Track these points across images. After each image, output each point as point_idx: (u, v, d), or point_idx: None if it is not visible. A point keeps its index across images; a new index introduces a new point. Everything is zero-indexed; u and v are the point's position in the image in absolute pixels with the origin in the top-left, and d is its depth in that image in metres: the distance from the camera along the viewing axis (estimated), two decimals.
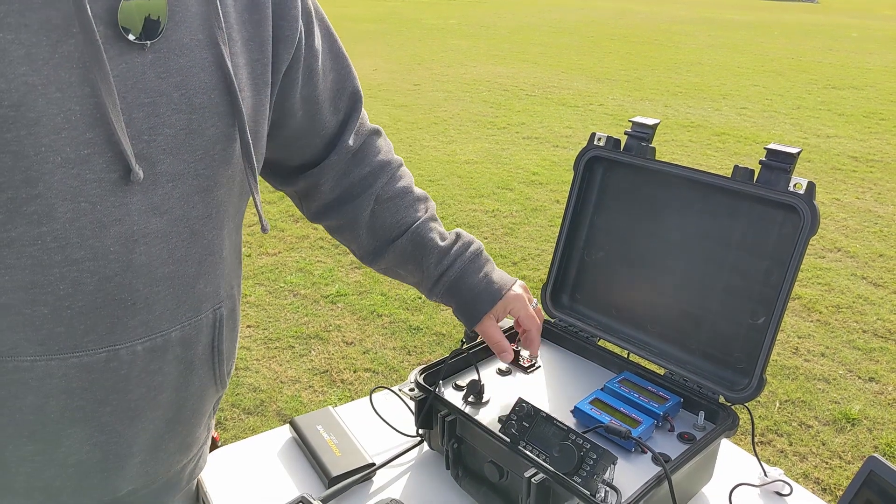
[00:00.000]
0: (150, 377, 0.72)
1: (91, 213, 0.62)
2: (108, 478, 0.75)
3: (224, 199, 0.74)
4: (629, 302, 1.08)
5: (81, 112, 0.59)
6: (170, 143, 0.66)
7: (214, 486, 0.97)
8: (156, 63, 0.63)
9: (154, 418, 0.76)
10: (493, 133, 6.34)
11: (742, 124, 6.80)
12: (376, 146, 0.97)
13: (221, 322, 0.79)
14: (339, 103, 0.90)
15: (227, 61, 0.68)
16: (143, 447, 0.77)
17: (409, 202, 0.97)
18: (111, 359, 0.68)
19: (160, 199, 0.66)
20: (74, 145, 0.59)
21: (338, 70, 0.89)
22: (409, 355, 2.90)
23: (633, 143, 1.04)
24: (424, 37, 12.34)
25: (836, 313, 3.31)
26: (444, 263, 0.96)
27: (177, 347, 0.74)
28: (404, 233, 0.96)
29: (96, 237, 0.63)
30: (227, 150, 0.71)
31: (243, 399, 2.59)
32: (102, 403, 0.70)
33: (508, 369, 1.07)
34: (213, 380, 0.82)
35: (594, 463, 0.79)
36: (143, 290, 0.68)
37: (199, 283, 0.73)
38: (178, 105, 0.65)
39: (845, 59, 10.93)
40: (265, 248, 3.87)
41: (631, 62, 10.31)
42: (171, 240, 0.69)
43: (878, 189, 5.02)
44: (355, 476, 0.96)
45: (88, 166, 0.61)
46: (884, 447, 2.39)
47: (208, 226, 0.72)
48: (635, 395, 0.96)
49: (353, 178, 0.95)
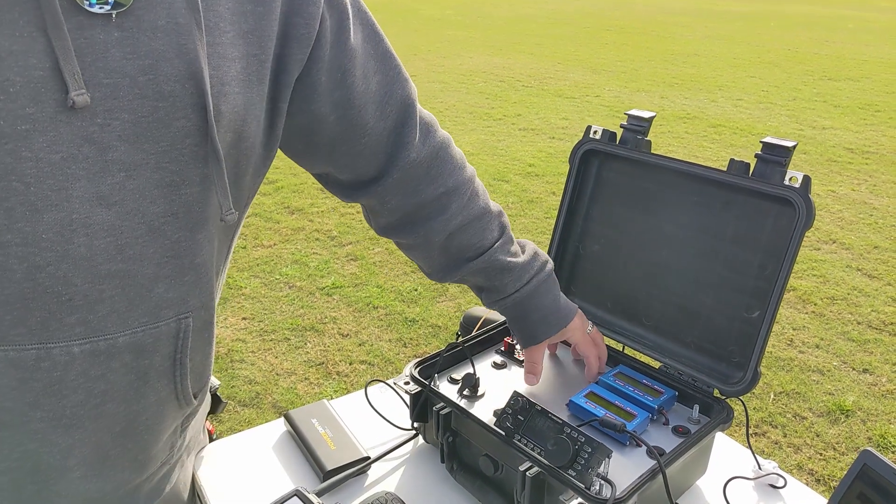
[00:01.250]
0: (90, 383, 0.67)
1: (23, 193, 0.57)
2: (41, 490, 0.70)
3: (197, 200, 0.67)
4: (624, 295, 1.08)
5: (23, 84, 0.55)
6: (127, 129, 0.60)
7: (209, 480, 0.97)
8: (123, 42, 0.58)
9: (96, 429, 0.70)
10: (489, 124, 6.32)
11: (738, 116, 6.80)
12: (449, 162, 0.90)
13: (187, 333, 0.72)
14: (386, 108, 0.82)
15: (202, 50, 0.62)
16: (82, 460, 0.70)
17: (485, 223, 0.93)
18: (42, 357, 0.63)
19: (109, 188, 0.61)
20: (11, 119, 0.55)
21: (384, 73, 0.81)
22: (404, 347, 2.91)
23: (628, 137, 1.04)
24: (421, 27, 12.29)
25: (830, 305, 3.32)
26: (522, 281, 0.95)
27: (125, 354, 0.68)
28: (481, 255, 0.93)
29: (27, 221, 0.58)
30: (200, 145, 0.65)
31: (239, 391, 2.59)
32: (33, 407, 0.65)
33: (503, 362, 1.07)
34: (175, 396, 0.75)
35: (589, 456, 0.79)
36: (81, 286, 0.62)
37: (157, 286, 0.68)
38: (144, 90, 0.60)
39: (842, 50, 10.93)
40: (260, 240, 3.87)
41: (627, 53, 10.29)
42: (121, 235, 0.63)
43: (873, 181, 5.03)
44: (350, 469, 0.96)
45: (27, 143, 0.56)
46: (878, 438, 2.41)
47: (173, 225, 0.66)
48: (630, 388, 0.96)
49: (425, 197, 0.88)
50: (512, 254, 0.95)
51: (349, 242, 3.88)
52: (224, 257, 0.80)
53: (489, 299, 0.98)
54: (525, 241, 1.00)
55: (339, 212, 4.28)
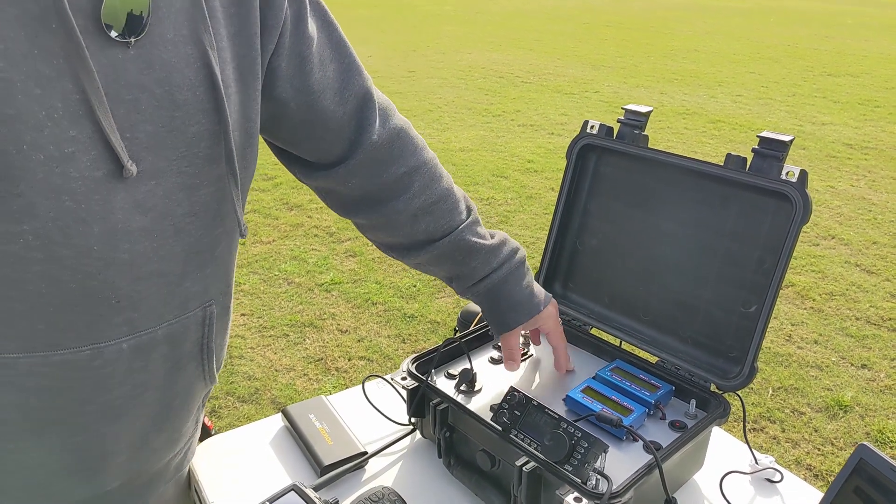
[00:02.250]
0: (134, 375, 0.71)
1: (75, 210, 0.61)
2: (89, 476, 0.75)
3: (213, 199, 0.72)
4: (621, 290, 1.08)
5: (64, 108, 0.58)
6: (150, 139, 0.64)
7: (206, 475, 0.97)
8: (138, 58, 0.62)
9: (139, 416, 0.75)
10: (488, 120, 6.32)
11: (737, 111, 6.79)
12: (411, 143, 0.92)
13: (212, 320, 0.78)
14: (345, 94, 0.84)
15: (213, 57, 0.66)
16: (126, 446, 0.76)
17: (452, 204, 0.94)
18: (95, 357, 0.67)
19: (143, 196, 0.65)
20: (58, 142, 0.58)
21: (340, 61, 0.84)
22: (403, 343, 2.91)
23: (626, 131, 1.04)
24: (419, 23, 12.27)
25: (829, 301, 3.32)
26: (492, 265, 0.95)
27: (163, 346, 0.73)
28: (447, 235, 0.94)
29: (79, 235, 0.62)
30: (212, 148, 0.69)
31: (237, 387, 2.59)
32: (85, 402, 0.69)
33: (500, 358, 1.07)
34: (202, 376, 0.81)
35: (585, 451, 0.79)
36: (125, 288, 0.67)
37: (185, 281, 0.72)
38: (161, 101, 0.64)
39: (841, 46, 10.92)
40: (259, 237, 3.86)
41: (627, 49, 10.28)
42: (155, 237, 0.67)
43: (872, 176, 5.03)
44: (347, 465, 0.96)
45: (73, 164, 0.60)
46: (875, 434, 2.41)
47: (194, 224, 0.71)
48: (627, 383, 0.96)
49: (388, 177, 0.90)
50: (480, 235, 0.96)
51: (348, 238, 3.87)
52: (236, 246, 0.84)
53: (461, 286, 0.98)
54: (496, 230, 1.00)
55: None
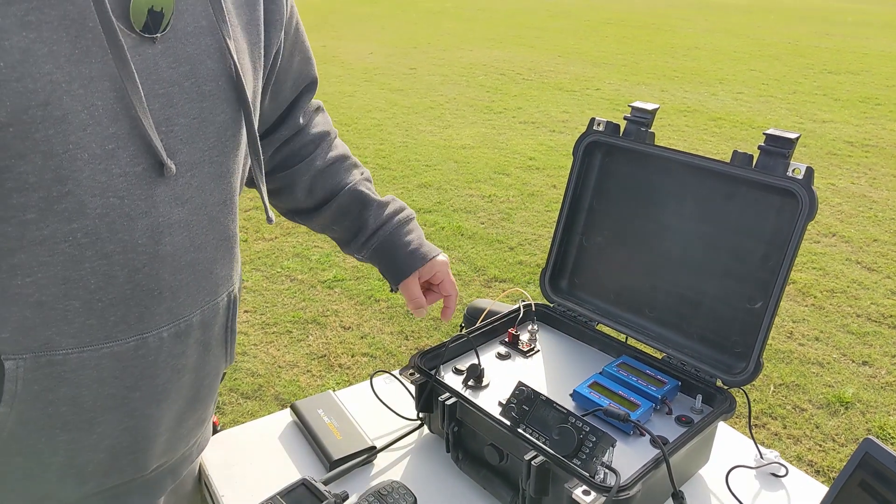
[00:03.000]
0: (174, 360, 0.74)
1: (120, 207, 0.63)
2: (137, 458, 0.77)
3: (236, 185, 0.75)
4: (627, 286, 1.09)
5: (104, 107, 0.59)
6: (185, 132, 0.66)
7: (216, 470, 0.98)
8: (166, 53, 0.63)
9: (178, 398, 0.78)
10: (489, 118, 6.32)
11: (738, 109, 6.79)
12: (317, 120, 1.01)
13: (235, 303, 0.81)
14: (299, 83, 0.93)
15: (231, 47, 0.68)
16: (167, 426, 0.79)
17: (348, 166, 1.02)
18: (140, 346, 0.70)
19: (181, 189, 0.67)
20: (100, 140, 0.60)
21: (303, 52, 0.91)
22: (406, 340, 2.91)
23: (632, 129, 1.05)
24: (420, 20, 12.26)
25: (830, 298, 3.33)
26: (382, 218, 1.01)
27: (197, 331, 0.76)
28: (342, 190, 1.00)
29: (126, 230, 0.64)
30: (236, 136, 0.72)
31: (241, 384, 2.59)
32: (132, 389, 0.72)
33: (507, 353, 1.08)
34: (225, 356, 0.85)
35: (593, 446, 0.80)
36: (168, 279, 0.69)
37: (216, 267, 0.75)
38: (190, 94, 0.66)
39: (842, 43, 10.91)
40: (262, 234, 3.87)
41: (628, 46, 10.27)
42: (192, 228, 0.70)
43: (872, 174, 5.03)
44: (356, 459, 0.97)
45: (115, 161, 0.61)
46: (876, 430, 2.42)
47: (224, 212, 0.74)
48: (634, 378, 0.97)
49: (293, 147, 0.98)
50: (372, 191, 1.03)
51: None
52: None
53: (357, 243, 1.03)
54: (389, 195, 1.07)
55: None
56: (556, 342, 1.12)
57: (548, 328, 1.15)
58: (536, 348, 1.09)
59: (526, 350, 1.08)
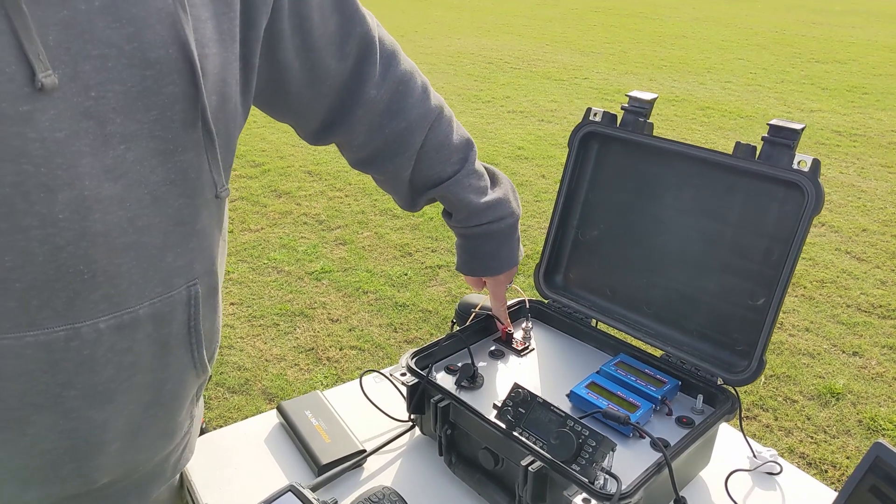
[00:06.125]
0: (119, 357, 0.67)
1: (35, 175, 0.56)
2: (80, 467, 0.71)
3: (192, 166, 0.67)
4: (624, 282, 1.06)
5: (17, 64, 0.53)
6: (120, 100, 0.59)
7: (199, 475, 0.94)
8: (105, 10, 0.57)
9: (129, 402, 0.71)
10: (477, 107, 6.27)
11: (726, 98, 6.78)
12: (411, 95, 0.89)
13: (198, 299, 0.73)
14: (345, 48, 0.82)
15: (184, 14, 0.61)
16: (118, 433, 0.72)
17: (444, 156, 0.94)
18: (72, 337, 0.63)
19: (112, 161, 0.60)
20: (11, 100, 0.54)
21: (341, 11, 0.80)
22: (395, 332, 2.88)
23: (629, 119, 1.01)
24: (408, 8, 12.15)
25: (820, 288, 3.32)
26: (472, 223, 0.97)
27: (147, 325, 0.68)
28: (436, 185, 0.95)
29: (43, 202, 0.57)
30: (189, 110, 0.64)
31: (228, 378, 2.55)
32: (66, 386, 0.65)
33: (501, 352, 1.04)
34: (192, 363, 0.77)
35: (593, 450, 0.76)
36: (101, 262, 0.62)
37: (167, 255, 0.68)
38: (131, 59, 0.59)
39: (829, 32, 10.93)
40: (248, 224, 3.81)
41: (616, 35, 10.24)
42: (129, 207, 0.63)
43: (860, 164, 5.04)
44: (346, 463, 0.93)
45: (30, 124, 0.55)
46: (868, 421, 2.41)
47: (173, 193, 0.66)
48: (632, 378, 0.94)
49: (389, 133, 0.89)
50: (472, 189, 0.96)
51: (337, 226, 3.83)
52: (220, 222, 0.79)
53: (448, 222, 1.01)
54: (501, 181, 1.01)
55: (326, 195, 4.23)
56: (551, 340, 1.08)
57: (542, 325, 1.12)
58: (531, 346, 1.05)
59: (520, 348, 1.04)
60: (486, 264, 1.01)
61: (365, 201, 4.15)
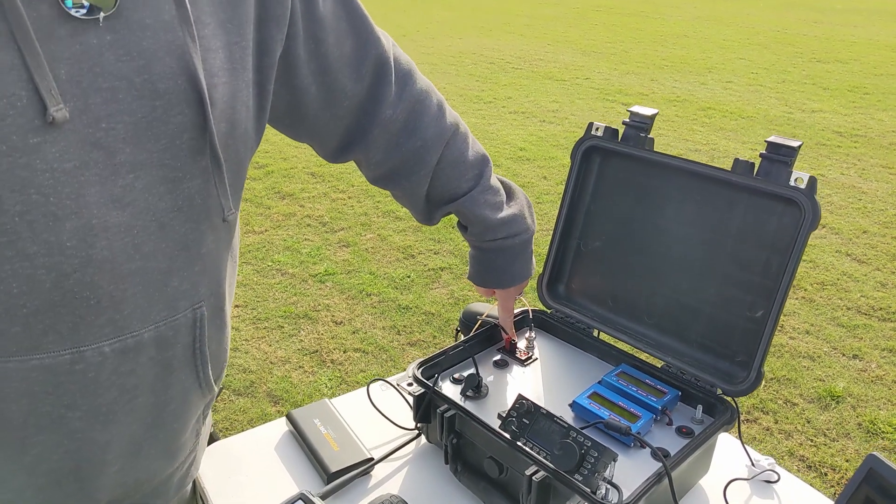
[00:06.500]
0: (122, 379, 0.69)
1: (43, 205, 0.58)
2: (83, 487, 0.72)
3: (198, 192, 0.69)
4: (626, 293, 1.08)
5: (29, 98, 0.55)
6: (129, 131, 0.61)
7: (212, 482, 0.96)
8: (115, 44, 0.59)
9: (130, 423, 0.72)
10: (479, 107, 6.29)
11: (728, 98, 6.79)
12: (427, 114, 0.91)
13: (203, 322, 0.75)
14: (361, 70, 0.84)
15: (193, 45, 0.63)
16: (119, 454, 0.73)
17: (459, 172, 0.95)
18: (76, 360, 0.65)
19: (121, 190, 0.62)
20: (22, 133, 0.55)
21: (357, 34, 0.82)
22: (398, 335, 2.90)
23: (631, 134, 1.03)
24: (409, 8, 12.17)
25: (820, 290, 3.34)
26: (486, 238, 0.99)
27: (151, 348, 0.70)
28: (453, 201, 0.97)
29: (50, 231, 0.59)
30: (197, 139, 0.66)
31: (233, 380, 2.58)
32: (70, 408, 0.67)
33: (505, 361, 1.06)
34: (198, 383, 0.78)
35: (595, 461, 0.79)
36: (106, 288, 0.64)
37: (172, 279, 0.69)
38: (141, 91, 0.61)
39: (830, 31, 10.93)
40: (252, 226, 3.84)
41: (617, 34, 10.25)
42: (136, 234, 0.64)
43: (861, 165, 5.05)
44: (354, 471, 0.96)
45: (39, 155, 0.57)
46: (867, 424, 2.44)
47: (179, 219, 0.68)
48: (633, 388, 0.96)
49: (406, 151, 0.91)
50: (487, 205, 0.97)
51: (341, 228, 3.85)
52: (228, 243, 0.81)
53: (464, 234, 1.03)
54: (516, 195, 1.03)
55: (330, 197, 4.26)
56: (554, 349, 1.10)
57: (545, 335, 1.14)
58: (534, 356, 1.08)
59: (524, 358, 1.06)
60: (498, 277, 1.03)
61: (368, 203, 4.17)
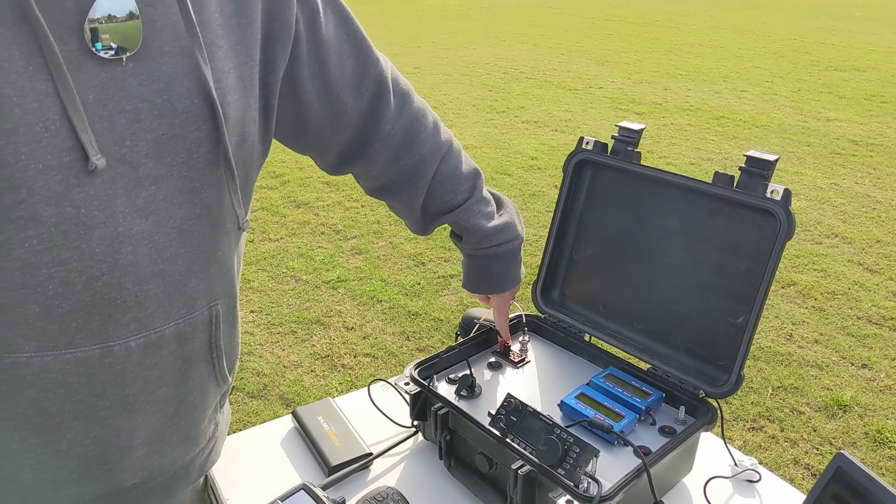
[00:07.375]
0: (146, 372, 0.76)
1: (76, 216, 0.65)
2: (110, 470, 0.79)
3: (215, 201, 0.76)
4: (616, 299, 1.13)
5: (62, 121, 0.62)
6: (151, 147, 0.68)
7: (222, 474, 1.02)
8: (137, 71, 0.66)
9: (154, 412, 0.79)
10: (492, 117, 6.35)
11: (742, 107, 6.79)
12: (423, 130, 0.98)
13: (218, 318, 0.82)
14: (361, 88, 0.91)
15: (205, 68, 0.69)
16: (144, 440, 0.80)
17: (455, 185, 1.02)
18: (105, 354, 0.72)
19: (144, 201, 0.69)
20: (56, 152, 0.62)
21: (357, 55, 0.89)
22: (408, 340, 2.96)
23: (619, 148, 1.08)
24: (424, 18, 12.28)
25: (831, 300, 3.35)
26: (481, 246, 1.06)
27: (171, 343, 0.77)
28: (449, 213, 1.03)
29: (82, 239, 0.66)
30: (213, 152, 0.73)
31: (247, 383, 2.64)
32: (100, 397, 0.73)
33: (499, 363, 1.11)
34: (214, 375, 0.85)
35: (577, 456, 0.84)
36: (132, 289, 0.71)
37: (190, 280, 0.76)
38: (161, 110, 0.67)
39: (848, 39, 10.88)
40: (267, 234, 3.92)
41: (631, 44, 10.27)
42: (158, 240, 0.71)
43: (877, 174, 5.04)
44: (354, 465, 1.01)
45: (72, 172, 0.63)
46: (874, 433, 2.45)
47: (197, 226, 0.75)
48: (619, 389, 1.01)
49: (404, 165, 0.98)
50: (481, 215, 1.04)
51: (353, 236, 3.92)
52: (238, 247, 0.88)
53: (457, 243, 1.10)
54: (506, 206, 1.09)
55: (343, 206, 4.33)
56: (547, 352, 1.15)
57: (538, 338, 1.19)
58: (527, 359, 1.13)
59: (517, 360, 1.11)
60: (493, 283, 1.09)
61: (380, 211, 4.24)
